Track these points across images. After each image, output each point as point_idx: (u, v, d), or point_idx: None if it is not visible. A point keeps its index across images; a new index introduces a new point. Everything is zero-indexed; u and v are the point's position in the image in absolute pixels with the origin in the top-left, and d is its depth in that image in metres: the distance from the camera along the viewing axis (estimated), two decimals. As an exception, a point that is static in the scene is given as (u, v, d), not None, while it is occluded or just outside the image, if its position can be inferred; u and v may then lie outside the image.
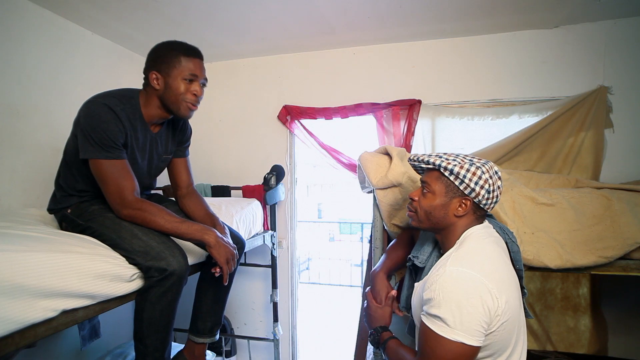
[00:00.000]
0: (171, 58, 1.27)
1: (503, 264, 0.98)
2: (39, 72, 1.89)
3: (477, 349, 0.88)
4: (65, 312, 0.97)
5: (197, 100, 1.32)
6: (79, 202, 1.30)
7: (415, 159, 1.09)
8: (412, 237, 1.37)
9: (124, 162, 1.24)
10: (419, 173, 1.16)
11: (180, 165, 1.54)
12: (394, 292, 1.19)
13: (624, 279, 2.03)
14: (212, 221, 1.44)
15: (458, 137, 2.27)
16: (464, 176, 0.98)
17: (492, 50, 2.25)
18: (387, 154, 1.42)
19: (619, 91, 2.06)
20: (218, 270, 1.26)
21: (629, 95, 2.05)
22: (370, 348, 1.76)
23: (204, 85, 1.34)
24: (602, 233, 1.28)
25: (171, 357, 1.37)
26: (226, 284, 1.30)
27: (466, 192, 0.99)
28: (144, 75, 1.31)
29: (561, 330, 2.02)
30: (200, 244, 1.26)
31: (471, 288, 0.88)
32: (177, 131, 1.48)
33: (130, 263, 1.15)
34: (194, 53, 1.31)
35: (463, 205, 1.00)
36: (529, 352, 1.83)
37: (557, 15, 2.02)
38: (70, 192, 1.30)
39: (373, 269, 1.29)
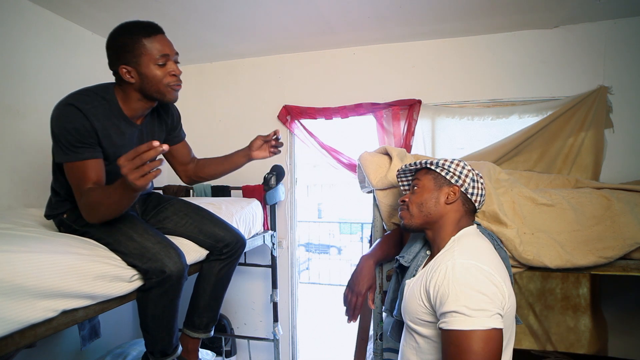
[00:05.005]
0: (133, 45, 1.14)
1: (500, 263, 0.99)
2: (39, 72, 1.89)
3: (502, 332, 0.87)
4: (65, 312, 0.97)
5: (178, 80, 1.22)
6: (73, 207, 1.26)
7: (402, 168, 1.16)
8: (402, 234, 1.38)
9: (95, 161, 1.15)
10: (405, 188, 1.22)
11: (180, 149, 1.53)
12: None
13: (624, 279, 2.03)
14: (233, 159, 1.53)
15: (458, 137, 2.27)
16: (449, 166, 1.07)
17: (492, 50, 2.25)
18: (387, 154, 1.42)
19: (619, 91, 2.06)
20: None
21: (629, 95, 2.05)
22: (370, 348, 1.76)
23: (176, 61, 1.23)
24: (602, 233, 1.28)
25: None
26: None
27: (452, 180, 1.06)
28: (112, 71, 1.21)
29: (561, 330, 2.02)
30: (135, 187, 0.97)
31: (482, 276, 0.89)
32: (162, 118, 1.40)
33: (128, 265, 1.15)
34: (154, 30, 1.18)
35: (452, 194, 1.05)
36: (529, 352, 1.83)
37: (557, 15, 2.01)
38: (64, 196, 1.27)
39: (365, 253, 1.30)
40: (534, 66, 2.18)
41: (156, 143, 0.89)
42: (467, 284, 0.88)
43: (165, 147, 0.90)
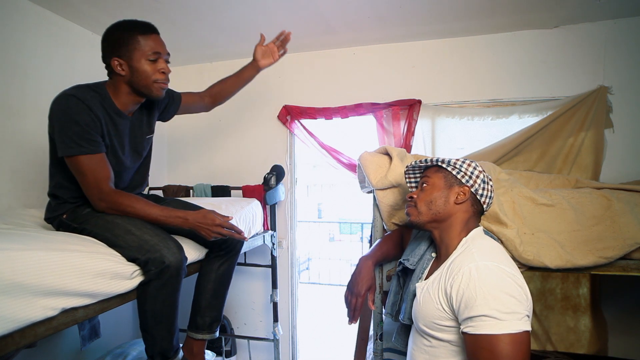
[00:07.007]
0: (128, 39, 1.21)
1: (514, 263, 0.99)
2: (39, 72, 1.89)
3: (530, 334, 0.86)
4: (65, 311, 0.97)
5: (167, 78, 1.29)
6: (74, 208, 1.29)
7: (413, 163, 1.13)
8: (402, 235, 1.37)
9: (101, 155, 1.21)
10: (412, 185, 1.19)
11: (189, 101, 1.63)
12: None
13: (624, 279, 2.03)
14: (244, 75, 1.73)
15: (458, 137, 2.27)
16: (461, 166, 1.05)
17: (492, 50, 2.25)
18: (387, 154, 1.41)
19: (619, 91, 2.06)
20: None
21: (629, 95, 2.05)
22: (370, 348, 1.76)
23: (167, 61, 1.30)
24: (602, 233, 1.28)
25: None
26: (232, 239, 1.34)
27: (463, 180, 1.04)
28: (105, 64, 1.26)
29: (561, 330, 2.02)
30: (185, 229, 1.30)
31: (507, 277, 0.88)
32: (150, 108, 1.44)
33: (128, 260, 1.15)
34: (150, 29, 1.26)
35: (462, 194, 1.04)
36: (529, 352, 1.83)
37: (557, 15, 2.02)
38: (65, 198, 1.29)
39: (364, 254, 1.30)
40: (534, 66, 2.18)
41: (244, 235, 1.37)
42: (495, 286, 0.86)
43: (245, 238, 1.40)
